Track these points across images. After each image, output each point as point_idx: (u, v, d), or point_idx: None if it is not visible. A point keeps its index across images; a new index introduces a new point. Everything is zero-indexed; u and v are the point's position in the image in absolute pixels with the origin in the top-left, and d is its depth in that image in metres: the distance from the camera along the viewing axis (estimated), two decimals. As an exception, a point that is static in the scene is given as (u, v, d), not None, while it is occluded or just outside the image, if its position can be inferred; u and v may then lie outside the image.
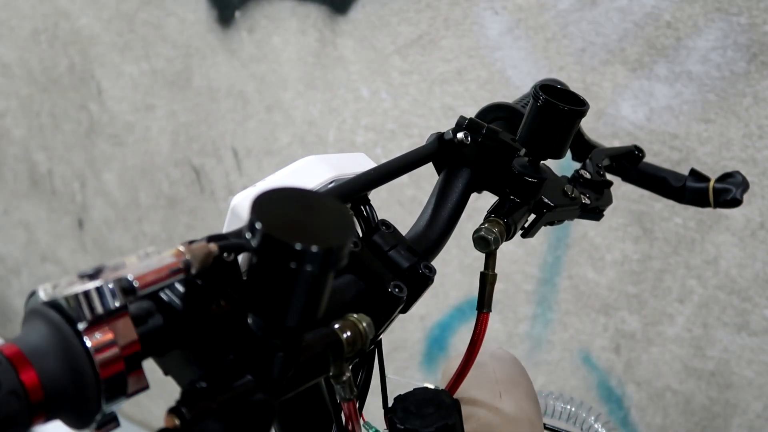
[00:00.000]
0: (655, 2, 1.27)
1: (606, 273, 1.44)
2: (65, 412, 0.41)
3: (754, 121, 1.24)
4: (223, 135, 1.88)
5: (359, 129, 1.64)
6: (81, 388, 0.40)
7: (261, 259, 0.41)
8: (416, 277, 0.62)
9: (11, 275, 2.64)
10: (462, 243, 1.42)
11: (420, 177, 1.55)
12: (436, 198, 0.71)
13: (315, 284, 0.42)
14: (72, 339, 0.40)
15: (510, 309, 1.57)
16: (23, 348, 0.39)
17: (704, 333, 1.37)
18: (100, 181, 2.20)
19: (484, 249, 0.69)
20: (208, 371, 0.45)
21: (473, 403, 0.73)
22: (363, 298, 0.59)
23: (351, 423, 0.59)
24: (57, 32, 2.10)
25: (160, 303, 0.45)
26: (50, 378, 0.39)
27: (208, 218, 2.00)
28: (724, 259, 1.32)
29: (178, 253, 0.43)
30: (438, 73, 1.51)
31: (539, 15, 1.38)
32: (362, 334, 0.51)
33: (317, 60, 1.66)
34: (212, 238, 0.46)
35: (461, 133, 0.69)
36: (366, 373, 0.68)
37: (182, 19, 1.84)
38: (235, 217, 0.59)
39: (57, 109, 2.20)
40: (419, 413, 0.65)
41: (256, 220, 0.39)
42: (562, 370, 1.55)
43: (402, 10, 1.51)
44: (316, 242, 0.40)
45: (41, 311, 0.40)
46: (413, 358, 1.75)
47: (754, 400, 1.36)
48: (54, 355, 0.40)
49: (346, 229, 0.42)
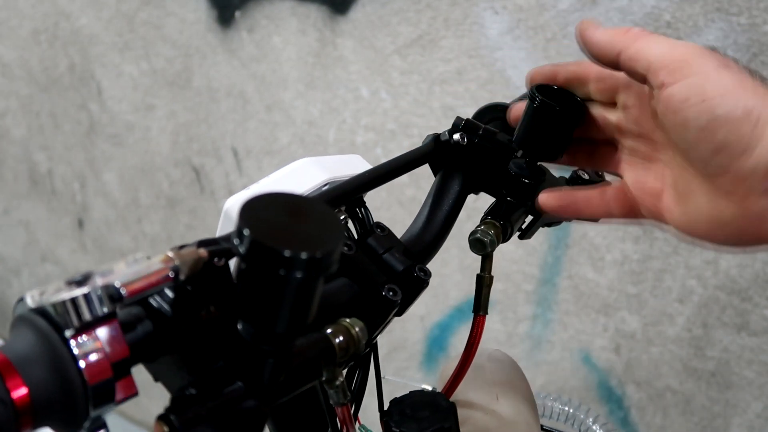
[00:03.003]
0: (655, 2, 1.26)
1: (606, 273, 1.43)
2: (53, 419, 0.40)
3: (755, 120, 1.23)
4: (223, 135, 1.88)
5: (359, 129, 1.64)
6: (69, 396, 0.40)
7: (249, 265, 0.41)
8: (411, 280, 0.62)
9: (11, 275, 2.64)
10: (462, 243, 1.42)
11: (420, 177, 1.55)
12: (432, 200, 0.70)
13: (304, 290, 0.41)
14: (59, 346, 0.39)
15: (510, 309, 1.57)
16: (9, 356, 0.39)
17: (704, 333, 1.37)
18: (100, 181, 2.20)
19: (480, 251, 0.68)
20: (198, 378, 0.44)
21: (470, 405, 0.73)
22: (357, 301, 0.59)
23: (346, 427, 0.59)
24: (57, 32, 2.10)
25: (150, 309, 0.44)
26: (37, 385, 0.39)
27: (208, 218, 2.00)
28: (724, 259, 1.31)
29: (167, 258, 0.43)
30: (438, 73, 1.50)
31: (539, 15, 1.37)
32: (355, 339, 0.51)
33: (317, 60, 1.65)
34: (202, 243, 0.46)
35: (457, 134, 0.69)
36: (362, 376, 0.68)
37: (182, 19, 1.84)
38: (228, 221, 0.59)
39: (57, 109, 2.20)
40: (415, 416, 0.65)
41: (244, 226, 0.39)
42: (562, 370, 1.55)
43: (402, 10, 1.51)
44: (305, 249, 0.39)
45: (28, 318, 0.40)
46: (413, 359, 1.75)
47: (754, 400, 1.36)
48: (41, 363, 0.39)
49: (335, 234, 0.42)
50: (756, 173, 0.50)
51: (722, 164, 0.52)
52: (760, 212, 0.52)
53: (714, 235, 0.55)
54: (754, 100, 0.50)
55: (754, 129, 0.50)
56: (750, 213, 0.52)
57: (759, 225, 0.52)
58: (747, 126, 0.50)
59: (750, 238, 0.54)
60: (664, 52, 0.53)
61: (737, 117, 0.50)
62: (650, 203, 0.59)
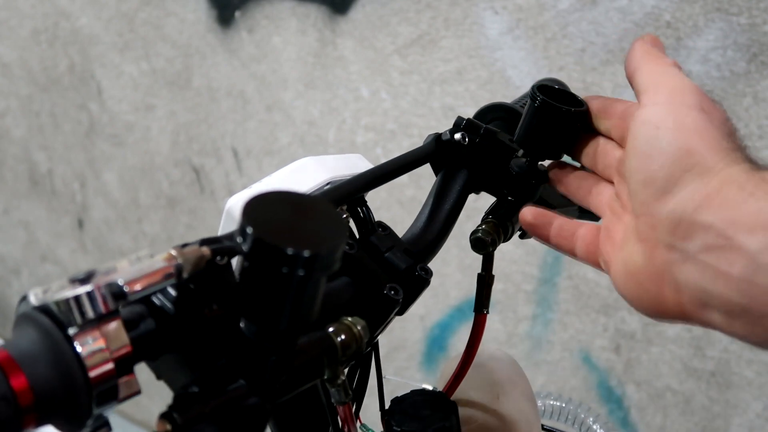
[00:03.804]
0: (655, 2, 1.26)
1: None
2: (56, 417, 0.40)
3: (754, 121, 1.23)
4: (223, 135, 1.88)
5: (359, 129, 1.64)
6: (72, 393, 0.40)
7: (252, 263, 0.41)
8: (412, 279, 0.62)
9: (11, 275, 2.64)
10: (462, 243, 1.42)
11: (420, 177, 1.55)
12: (433, 199, 0.70)
13: (307, 288, 0.41)
14: (62, 344, 0.39)
15: (510, 309, 1.57)
16: (13, 353, 0.39)
17: (704, 333, 1.37)
18: (100, 181, 2.20)
19: (481, 250, 0.68)
20: (200, 375, 0.44)
21: (471, 404, 0.73)
22: (359, 300, 0.59)
23: (347, 426, 0.59)
24: (57, 32, 2.10)
25: (152, 307, 0.44)
26: (40, 383, 0.39)
27: (208, 218, 2.00)
28: (725, 259, 1.31)
29: (169, 257, 0.43)
30: (438, 73, 1.51)
31: (539, 15, 1.37)
32: (357, 338, 0.51)
33: (317, 60, 1.65)
34: (205, 241, 0.46)
35: (459, 133, 0.69)
36: (363, 375, 0.68)
37: (182, 19, 1.84)
38: (230, 220, 0.59)
39: (57, 109, 2.20)
40: (416, 415, 0.65)
41: (246, 224, 0.39)
42: (562, 370, 1.55)
43: (402, 10, 1.51)
44: (308, 247, 0.39)
45: (31, 316, 0.40)
46: (413, 358, 1.75)
47: (754, 400, 1.36)
48: (44, 360, 0.39)
49: (338, 232, 0.42)
50: (667, 221, 0.48)
51: (646, 201, 0.50)
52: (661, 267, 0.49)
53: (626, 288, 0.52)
54: (704, 148, 0.48)
55: (686, 174, 0.47)
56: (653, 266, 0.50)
57: (658, 281, 0.49)
58: (679, 167, 0.48)
59: (649, 299, 0.50)
60: (658, 77, 0.53)
61: (674, 154, 0.48)
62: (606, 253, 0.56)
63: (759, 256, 0.43)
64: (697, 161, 0.47)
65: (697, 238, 0.46)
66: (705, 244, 0.46)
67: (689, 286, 0.47)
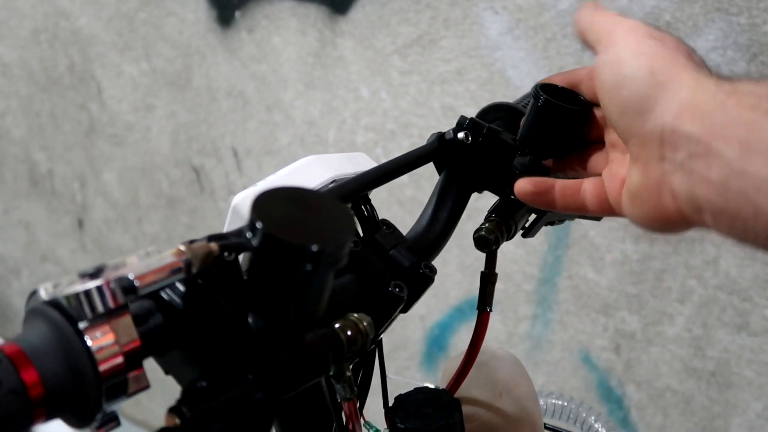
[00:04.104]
0: (655, 2, 1.27)
1: (606, 273, 1.44)
2: (66, 411, 0.41)
3: (754, 121, 1.24)
4: (223, 135, 1.88)
5: (359, 129, 1.64)
6: (81, 387, 0.40)
7: (261, 258, 0.41)
8: (417, 276, 0.63)
9: (11, 275, 2.64)
10: (463, 243, 1.42)
11: (420, 177, 1.55)
12: (436, 198, 0.71)
13: (315, 284, 0.42)
14: (73, 338, 0.40)
15: (510, 309, 1.57)
16: (24, 347, 0.39)
17: (704, 333, 1.37)
18: (100, 181, 2.20)
19: (484, 249, 0.69)
20: (208, 371, 0.45)
21: (474, 402, 0.73)
22: (363, 297, 0.59)
23: (351, 423, 0.59)
24: (57, 32, 2.10)
25: (161, 302, 0.45)
26: (51, 377, 0.39)
27: (208, 218, 2.00)
28: (724, 259, 1.32)
29: (178, 252, 0.43)
30: (438, 73, 1.51)
31: (539, 15, 1.38)
32: (363, 334, 0.51)
33: (317, 60, 1.66)
34: (213, 237, 0.46)
35: (462, 132, 0.69)
36: (366, 373, 0.68)
37: (182, 19, 1.84)
38: (236, 217, 0.59)
39: (57, 109, 2.20)
40: (420, 413, 0.65)
41: (256, 219, 0.39)
42: (562, 370, 1.55)
43: (402, 10, 1.51)
44: (317, 242, 0.40)
45: (42, 310, 0.40)
46: (413, 358, 1.75)
47: (754, 400, 1.36)
48: (54, 354, 0.40)
49: (346, 228, 0.42)
50: (652, 136, 0.51)
51: (629, 125, 0.53)
52: (657, 179, 0.52)
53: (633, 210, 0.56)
54: (664, 66, 0.51)
55: (655, 91, 0.51)
56: (650, 181, 0.53)
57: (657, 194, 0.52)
58: (648, 87, 0.51)
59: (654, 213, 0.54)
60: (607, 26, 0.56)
61: (640, 77, 0.52)
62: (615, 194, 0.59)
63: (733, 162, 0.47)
64: (662, 79, 0.51)
65: (682, 147, 0.50)
66: (689, 152, 0.49)
67: (683, 192, 0.50)
